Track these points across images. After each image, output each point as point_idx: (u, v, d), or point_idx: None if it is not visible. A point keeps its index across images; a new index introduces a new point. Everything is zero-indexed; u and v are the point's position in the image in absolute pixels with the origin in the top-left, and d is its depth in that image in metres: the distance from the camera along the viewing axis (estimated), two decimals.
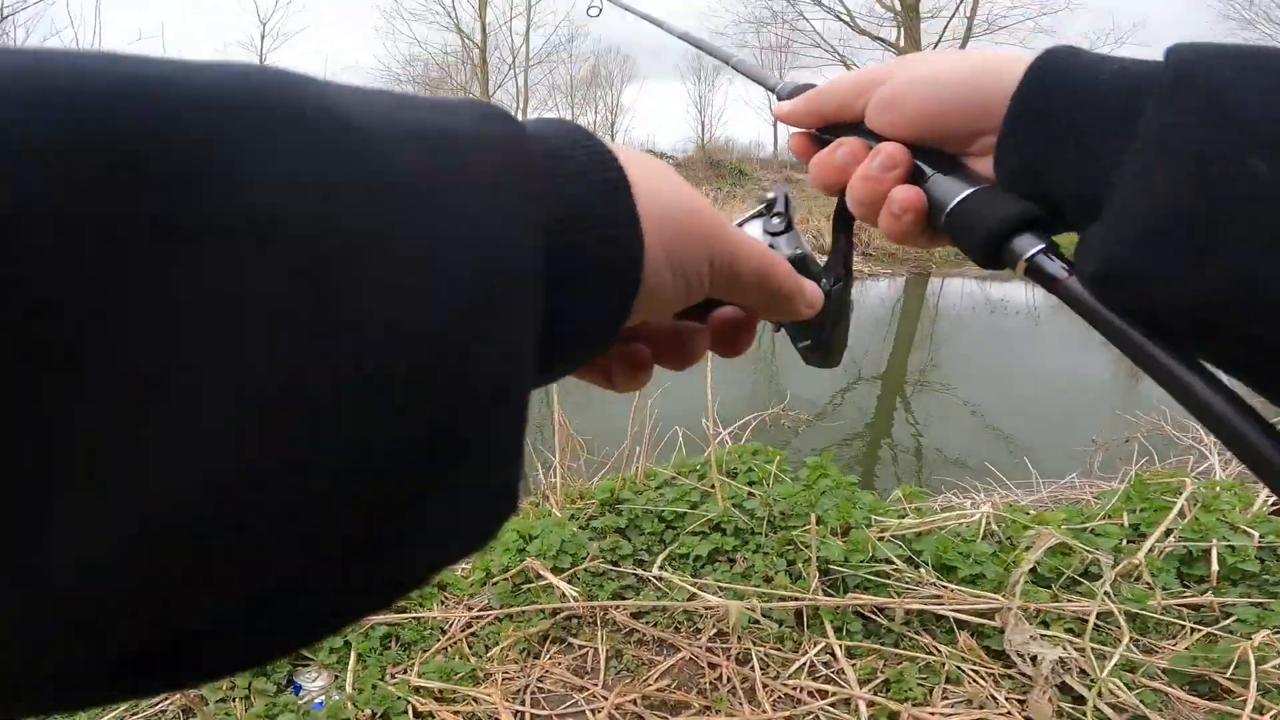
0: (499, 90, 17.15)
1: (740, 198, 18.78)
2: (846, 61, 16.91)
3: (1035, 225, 0.37)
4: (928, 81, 0.41)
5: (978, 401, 6.31)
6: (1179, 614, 1.87)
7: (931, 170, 0.41)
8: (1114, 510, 2.30)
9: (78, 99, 0.13)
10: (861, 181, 0.42)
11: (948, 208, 0.40)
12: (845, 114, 0.46)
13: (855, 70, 0.46)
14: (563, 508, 2.99)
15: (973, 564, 2.00)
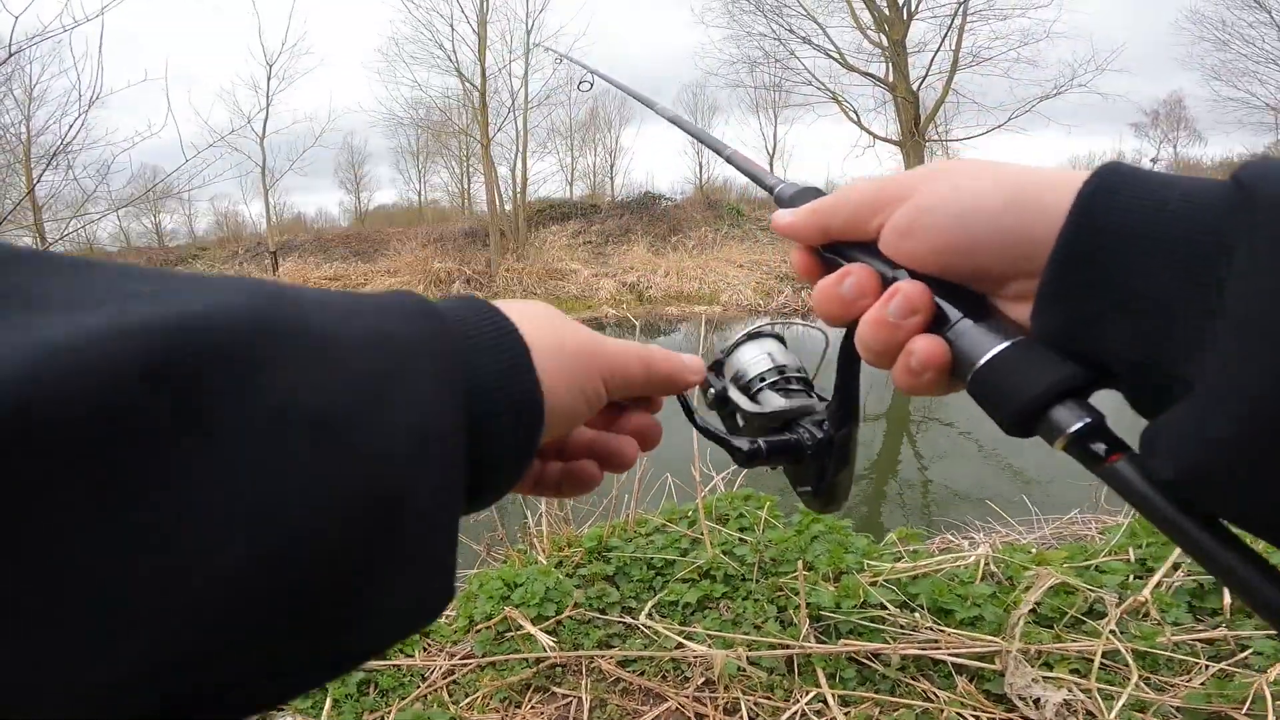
0: (499, 133, 17.50)
1: (738, 238, 19.01)
2: (839, 98, 17.25)
3: (1079, 392, 0.31)
4: (955, 209, 0.35)
5: (982, 437, 6.20)
6: (1191, 650, 1.76)
7: (956, 314, 0.35)
8: (1119, 546, 2.21)
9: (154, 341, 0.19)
10: (874, 326, 0.37)
11: (976, 366, 0.34)
12: (855, 233, 0.40)
13: (870, 182, 0.39)
14: (549, 555, 2.91)
15: (970, 606, 1.90)
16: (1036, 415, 0.31)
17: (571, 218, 21.02)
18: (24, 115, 18.26)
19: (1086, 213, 0.31)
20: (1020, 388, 0.32)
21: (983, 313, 0.35)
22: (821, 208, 0.41)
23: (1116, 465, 0.29)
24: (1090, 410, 0.31)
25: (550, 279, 16.03)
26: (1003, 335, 0.33)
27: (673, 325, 13.01)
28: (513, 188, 18.70)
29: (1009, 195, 0.33)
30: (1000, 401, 0.33)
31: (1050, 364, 0.32)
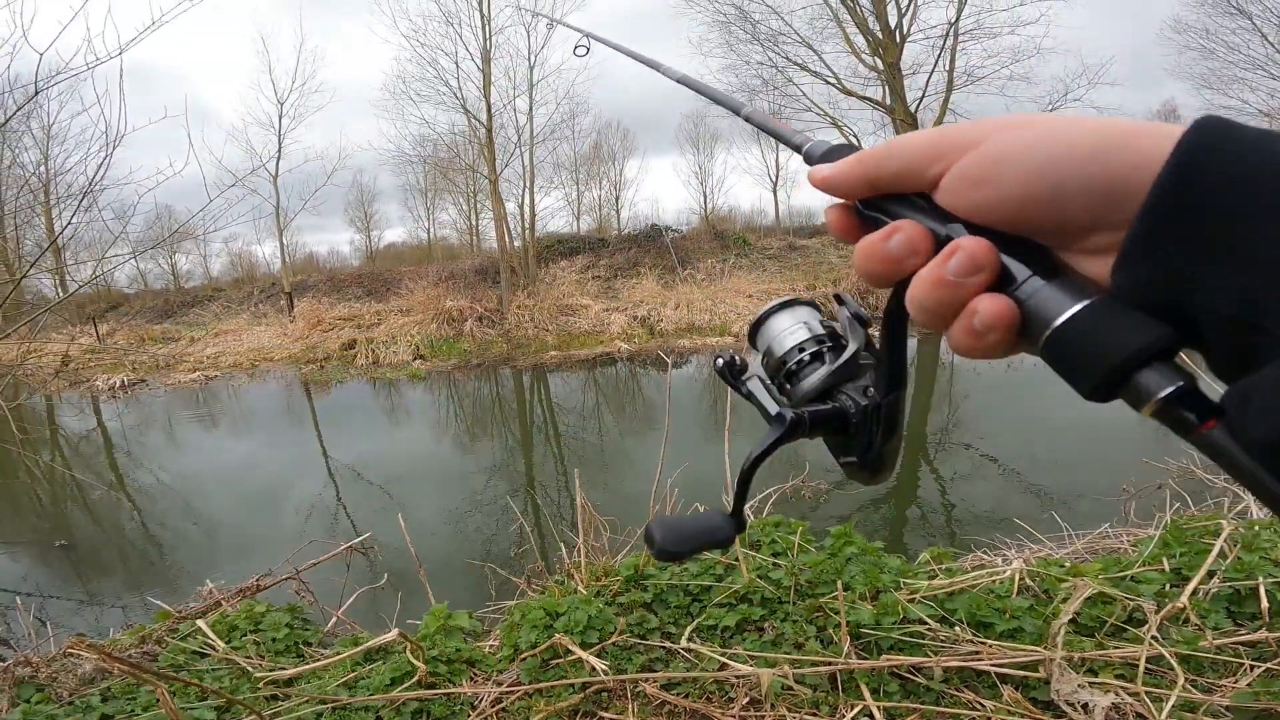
0: (506, 168, 17.80)
1: (746, 268, 19.18)
2: (838, 123, 17.49)
3: (1166, 354, 0.29)
4: (1037, 154, 0.32)
5: (1003, 457, 6.21)
6: (1235, 652, 1.80)
7: (1025, 271, 0.32)
8: (1152, 556, 2.24)
9: None
10: (932, 285, 0.33)
11: (1050, 328, 0.31)
12: (909, 182, 0.36)
13: (927, 131, 0.36)
14: (588, 585, 2.95)
15: (1009, 619, 1.94)
16: (1122, 380, 0.29)
17: (580, 252, 21.30)
18: (43, 154, 18.84)
19: (1189, 159, 0.28)
20: (1104, 351, 0.29)
21: (1055, 269, 0.32)
22: (870, 157, 0.38)
23: (1212, 432, 0.27)
24: (1181, 373, 0.28)
25: (561, 314, 16.19)
26: (1080, 293, 0.31)
27: (684, 358, 13.10)
28: (521, 223, 19.03)
29: (1097, 142, 0.31)
30: (1080, 365, 0.30)
31: (1137, 324, 0.29)
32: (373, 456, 8.32)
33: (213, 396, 13.54)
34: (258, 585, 3.59)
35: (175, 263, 29.53)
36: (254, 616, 3.07)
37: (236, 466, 8.71)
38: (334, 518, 6.29)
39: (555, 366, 13.24)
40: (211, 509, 6.89)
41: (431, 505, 6.29)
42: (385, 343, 15.18)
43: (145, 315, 23.41)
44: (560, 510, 5.66)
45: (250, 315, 21.37)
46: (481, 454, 8.67)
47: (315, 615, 3.38)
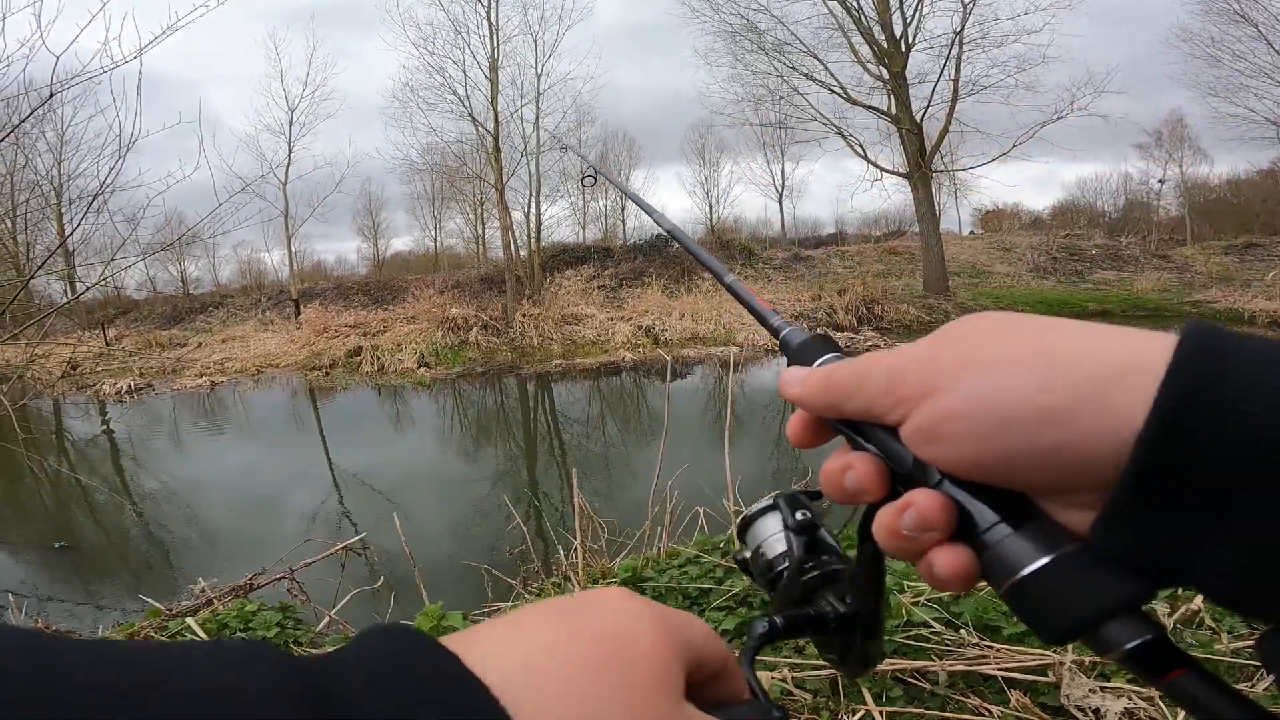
0: (512, 177, 17.86)
1: (752, 278, 19.17)
2: (844, 132, 17.51)
3: (1137, 605, 0.28)
4: (988, 418, 0.29)
5: None
6: (1251, 656, 1.73)
7: (990, 519, 0.31)
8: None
9: None
10: (887, 534, 0.33)
11: (1012, 580, 0.30)
12: (873, 418, 0.35)
13: (888, 363, 0.34)
14: (584, 587, 2.91)
15: (1017, 623, 1.87)
16: (1088, 632, 0.28)
17: (585, 261, 21.35)
18: (56, 159, 19.05)
19: (1176, 421, 0.25)
20: (1067, 607, 0.28)
21: (1022, 517, 0.30)
22: (835, 385, 0.36)
23: (1179, 680, 0.27)
24: (1147, 625, 0.28)
25: (566, 324, 16.19)
26: (1046, 546, 0.29)
27: (689, 368, 13.06)
28: (527, 232, 19.09)
29: (1062, 402, 0.28)
30: (1042, 617, 0.29)
31: (1108, 581, 0.28)
32: (376, 462, 8.30)
33: (218, 402, 13.58)
34: (250, 584, 3.55)
35: (184, 269, 29.80)
36: (245, 615, 3.03)
37: (240, 471, 8.71)
38: (335, 522, 6.26)
39: (560, 375, 13.22)
40: (214, 513, 6.87)
41: (433, 509, 6.26)
42: (391, 350, 15.21)
43: (154, 321, 23.57)
44: (560, 514, 5.61)
45: (257, 321, 21.49)
46: (484, 460, 8.64)
47: (308, 615, 3.34)
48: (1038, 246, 21.58)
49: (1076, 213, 32.83)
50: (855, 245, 26.34)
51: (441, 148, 19.40)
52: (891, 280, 18.01)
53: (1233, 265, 18.97)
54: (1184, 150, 27.90)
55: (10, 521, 7.17)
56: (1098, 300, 16.51)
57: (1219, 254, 20.15)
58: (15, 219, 16.27)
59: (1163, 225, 26.92)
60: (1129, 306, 16.13)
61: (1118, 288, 18.20)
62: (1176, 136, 27.75)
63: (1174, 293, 17.08)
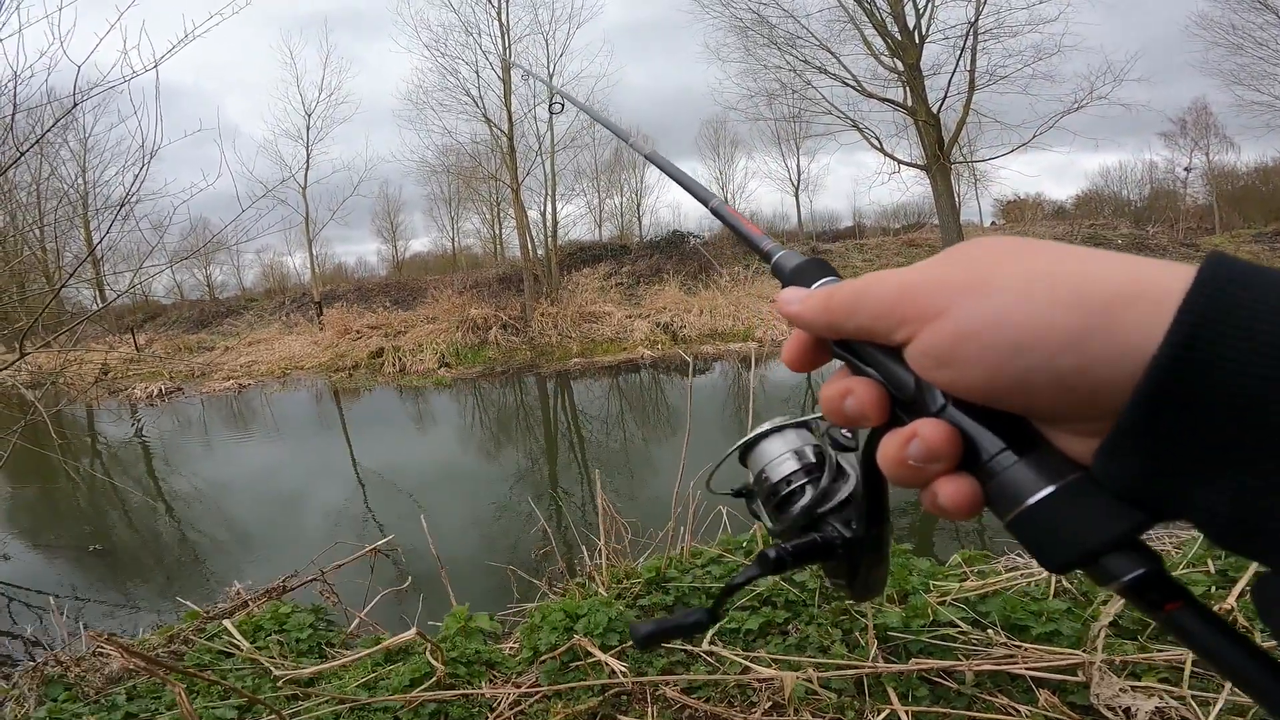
0: (527, 177, 17.92)
1: (769, 273, 19.02)
2: (859, 125, 17.32)
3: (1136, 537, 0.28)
4: (1001, 341, 0.29)
5: None
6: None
7: (995, 446, 0.31)
8: (1197, 558, 2.15)
9: None
10: (893, 464, 0.32)
11: (1017, 509, 0.30)
12: (874, 339, 0.34)
13: (892, 281, 0.33)
14: (609, 587, 2.92)
15: (1046, 621, 1.86)
16: (1089, 563, 0.28)
17: (602, 259, 21.37)
18: (80, 167, 19.47)
19: (1188, 349, 0.25)
20: (1071, 537, 0.28)
21: (1027, 445, 0.30)
22: (836, 305, 0.35)
23: (1175, 614, 0.27)
24: (1146, 556, 0.28)
25: (584, 322, 16.24)
26: (1051, 474, 0.29)
27: (708, 364, 13.04)
28: (544, 231, 19.16)
29: (1074, 325, 0.27)
30: (1047, 547, 0.29)
31: (1110, 512, 0.28)
32: (400, 462, 8.39)
33: (246, 404, 13.82)
34: (284, 586, 3.64)
35: (210, 274, 30.32)
36: (279, 617, 3.10)
37: (269, 473, 8.86)
38: (361, 522, 6.34)
39: (579, 373, 13.26)
40: (245, 514, 7.00)
41: (457, 509, 6.32)
42: (412, 351, 15.36)
43: (181, 325, 24.03)
44: (583, 514, 5.63)
45: (282, 324, 21.81)
46: (506, 460, 8.70)
47: (339, 617, 3.40)
48: (1061, 237, 21.21)
49: (1101, 202, 32.22)
50: (874, 238, 26.08)
51: (456, 149, 19.50)
52: None
53: (1263, 253, 18.52)
54: (1209, 138, 27.26)
55: (47, 525, 7.36)
56: None
57: (1249, 242, 19.68)
58: (44, 228, 16.66)
59: (1190, 214, 26.34)
60: None
61: None
62: (1201, 124, 27.14)
63: None
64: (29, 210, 15.36)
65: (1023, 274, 0.29)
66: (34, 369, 8.47)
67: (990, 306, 0.29)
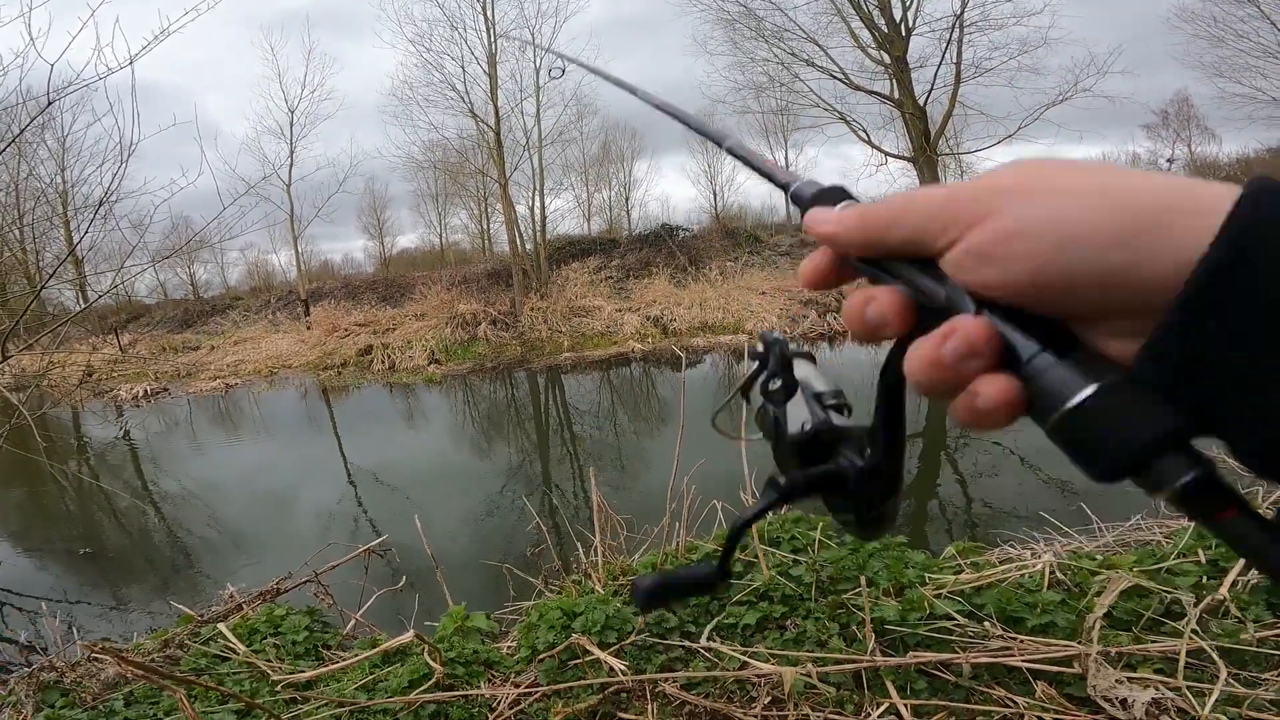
0: (515, 171, 17.83)
1: (759, 265, 19.09)
2: (846, 118, 17.36)
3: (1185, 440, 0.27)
4: (1052, 238, 0.29)
5: (1023, 450, 6.10)
6: (1276, 644, 1.73)
7: (1033, 347, 0.30)
8: (1188, 548, 2.17)
9: None
10: (928, 366, 0.31)
11: (1060, 411, 0.28)
12: (914, 251, 0.34)
13: (935, 192, 0.33)
14: (605, 585, 2.93)
15: (1041, 613, 1.88)
16: (1138, 468, 0.27)
17: (591, 253, 21.31)
18: (59, 166, 19.13)
19: (1238, 251, 0.25)
20: (1119, 438, 0.27)
21: (1067, 346, 0.30)
22: (874, 219, 0.35)
23: (1231, 520, 0.26)
24: (1198, 460, 0.26)
25: (575, 316, 16.21)
26: (1094, 374, 0.28)
27: (699, 356, 13.05)
28: (532, 226, 19.07)
29: (1125, 225, 0.27)
30: (1091, 451, 0.28)
31: (1156, 412, 0.27)
32: (392, 460, 8.36)
33: (234, 404, 13.71)
34: (278, 588, 3.61)
35: (194, 273, 29.91)
36: (274, 620, 3.08)
37: (259, 472, 8.80)
38: (354, 521, 6.32)
39: (570, 368, 13.24)
40: (236, 514, 6.96)
41: (450, 507, 6.30)
42: (401, 348, 15.27)
43: (166, 325, 23.75)
44: (577, 510, 5.63)
45: (268, 323, 21.61)
46: (498, 456, 8.68)
47: (335, 618, 3.38)
48: None
49: None
50: None
51: (443, 144, 19.34)
52: None
53: None
54: (1191, 130, 27.46)
55: (36, 529, 7.29)
56: None
57: None
58: (23, 228, 16.40)
59: None
60: None
61: None
62: (1183, 116, 27.30)
63: None
64: (8, 210, 15.14)
65: (1074, 182, 0.30)
66: (17, 372, 8.35)
67: (1042, 207, 0.29)
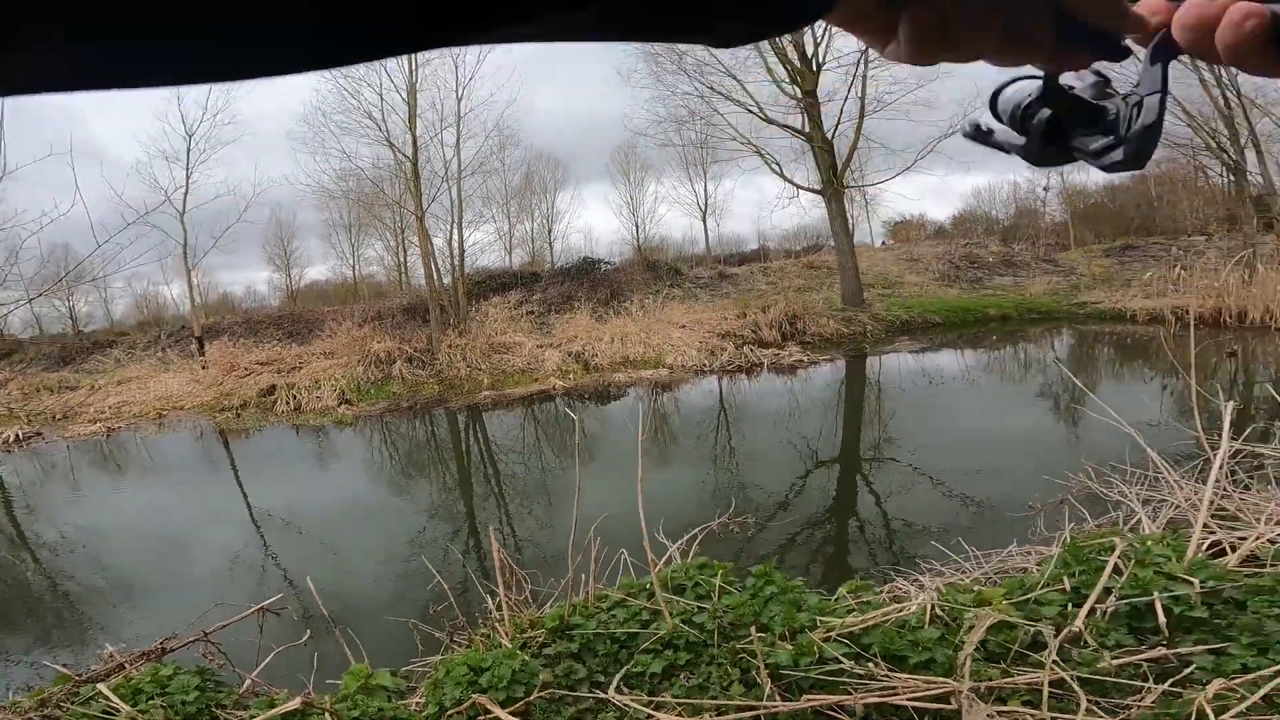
0: (433, 203, 17.50)
1: (679, 298, 19.43)
2: (761, 151, 18.11)
3: None
4: None
5: (935, 472, 6.40)
6: (1136, 671, 1.86)
7: None
8: (1054, 576, 2.33)
9: None
10: (1190, 9, 0.37)
11: None
12: None
13: None
14: (513, 638, 2.86)
15: (921, 651, 1.97)
16: None
17: (512, 288, 21.11)
18: None
19: None
20: None
21: None
22: None
23: None
24: None
25: (494, 353, 15.93)
26: None
27: (621, 390, 13.09)
28: (450, 259, 18.72)
29: None
30: None
31: None
32: (301, 503, 7.94)
33: (120, 447, 12.66)
34: (162, 648, 3.39)
35: (73, 305, 27.59)
36: (160, 680, 2.87)
37: (152, 518, 8.19)
38: (261, 568, 5.95)
39: (490, 406, 12.98)
40: (127, 563, 6.48)
41: (356, 556, 6.02)
42: (308, 387, 14.54)
43: (41, 363, 21.72)
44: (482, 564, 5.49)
45: (157, 360, 20.13)
46: (411, 500, 8.37)
47: (232, 677, 3.17)
48: (942, 256, 22.82)
49: (974, 221, 34.86)
50: (778, 260, 27.08)
51: (357, 173, 18.81)
52: (812, 294, 18.63)
53: (1113, 266, 20.57)
54: None
55: None
56: (997, 305, 17.58)
57: (1100, 256, 21.82)
58: None
59: (1049, 231, 28.81)
60: (1024, 310, 17.27)
61: (1013, 292, 19.43)
62: None
63: (1063, 295, 18.36)
64: None
65: None
66: None
67: None
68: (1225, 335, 12.09)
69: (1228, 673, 1.80)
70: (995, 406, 9.32)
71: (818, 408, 10.53)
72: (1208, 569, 2.25)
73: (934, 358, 13.27)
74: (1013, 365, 12.90)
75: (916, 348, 14.32)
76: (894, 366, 12.99)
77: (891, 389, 11.38)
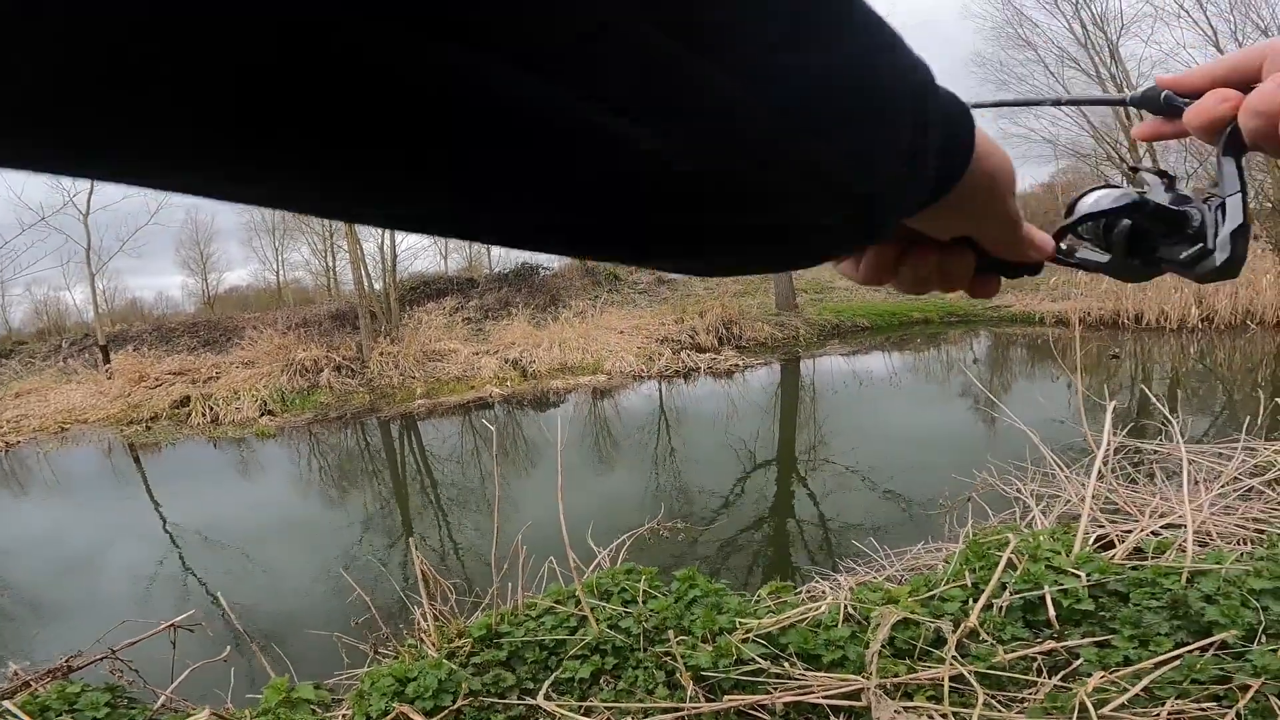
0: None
1: (618, 304, 19.50)
2: None
3: None
4: None
5: (864, 471, 6.62)
6: (1028, 665, 1.98)
7: None
8: (956, 573, 2.46)
9: None
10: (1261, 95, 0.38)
11: None
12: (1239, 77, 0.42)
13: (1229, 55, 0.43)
14: (440, 648, 2.83)
15: (834, 649, 2.06)
16: None
17: (448, 294, 20.72)
18: None
19: None
20: None
21: None
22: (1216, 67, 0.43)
23: None
24: None
25: (429, 361, 15.57)
26: None
27: (561, 397, 13.02)
28: (382, 265, 18.23)
29: None
30: None
31: None
32: (221, 517, 7.58)
33: (20, 463, 11.77)
34: (68, 666, 3.23)
35: None
36: (67, 697, 2.74)
37: (57, 534, 7.67)
38: (179, 587, 5.66)
39: (424, 415, 12.68)
40: (31, 581, 6.13)
41: (280, 568, 5.81)
42: (226, 398, 13.86)
43: None
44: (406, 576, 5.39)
45: (58, 371, 18.82)
46: (341, 512, 8.10)
47: (145, 693, 3.03)
48: None
49: None
50: None
51: None
52: (747, 299, 19.02)
53: None
54: None
55: None
56: (919, 309, 18.37)
57: None
58: None
59: None
60: (945, 313, 18.12)
61: (935, 298, 20.37)
62: None
63: (979, 300, 19.34)
64: None
65: None
66: None
67: None
68: (1123, 336, 12.98)
69: (1110, 665, 1.94)
70: (918, 407, 9.75)
71: (754, 411, 10.75)
72: (1093, 562, 2.41)
73: (863, 360, 13.76)
74: (935, 367, 13.50)
75: (846, 351, 14.81)
76: (826, 369, 13.38)
77: (824, 391, 11.73)
